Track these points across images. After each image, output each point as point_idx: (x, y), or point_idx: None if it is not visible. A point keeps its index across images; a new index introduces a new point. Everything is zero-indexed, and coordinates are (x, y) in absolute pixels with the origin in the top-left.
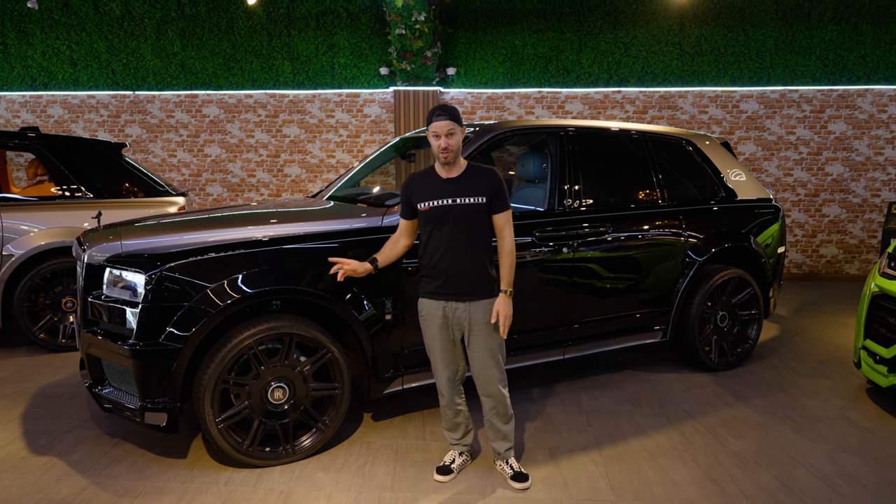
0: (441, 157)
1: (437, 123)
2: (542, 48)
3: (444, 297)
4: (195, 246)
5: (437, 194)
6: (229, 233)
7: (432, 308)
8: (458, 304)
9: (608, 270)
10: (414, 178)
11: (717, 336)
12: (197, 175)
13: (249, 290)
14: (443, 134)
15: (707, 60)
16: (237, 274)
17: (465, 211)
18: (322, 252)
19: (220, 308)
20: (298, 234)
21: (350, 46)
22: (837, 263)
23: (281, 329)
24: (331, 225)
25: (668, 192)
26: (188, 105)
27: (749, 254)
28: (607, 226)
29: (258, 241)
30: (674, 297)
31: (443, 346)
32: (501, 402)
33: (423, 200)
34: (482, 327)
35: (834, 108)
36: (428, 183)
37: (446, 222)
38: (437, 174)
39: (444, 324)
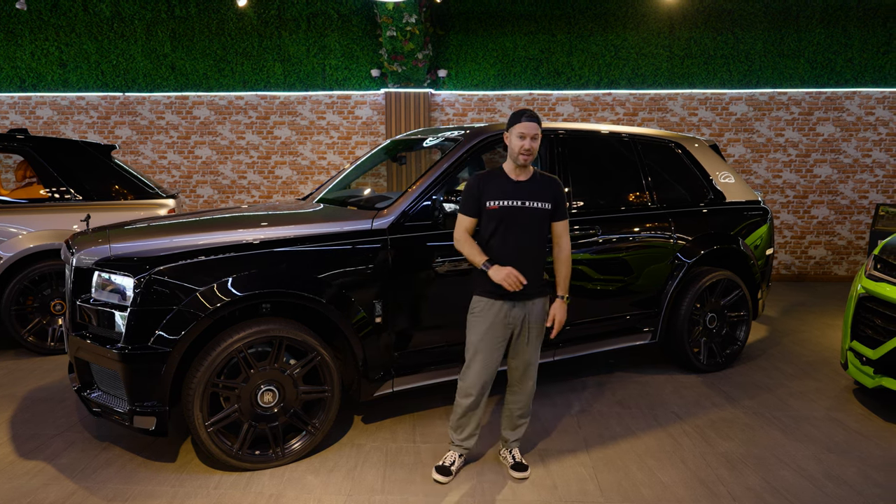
0: (520, 159)
1: (526, 124)
2: (533, 50)
3: (503, 297)
4: (184, 249)
5: (509, 195)
6: (218, 236)
7: (489, 306)
8: (515, 303)
9: (598, 272)
10: (484, 177)
11: (706, 338)
12: (187, 177)
13: (238, 294)
14: (529, 136)
15: (697, 63)
16: (226, 277)
17: (534, 214)
18: (311, 255)
19: (209, 311)
20: (287, 238)
21: (341, 48)
22: (826, 265)
23: (270, 332)
24: (320, 228)
25: (658, 194)
26: (178, 106)
27: (738, 256)
28: (597, 228)
29: (247, 245)
30: (663, 299)
31: (491, 345)
32: (530, 398)
33: (494, 199)
34: (536, 326)
35: (822, 111)
36: (499, 182)
37: (515, 223)
38: (507, 175)
39: (498, 322)
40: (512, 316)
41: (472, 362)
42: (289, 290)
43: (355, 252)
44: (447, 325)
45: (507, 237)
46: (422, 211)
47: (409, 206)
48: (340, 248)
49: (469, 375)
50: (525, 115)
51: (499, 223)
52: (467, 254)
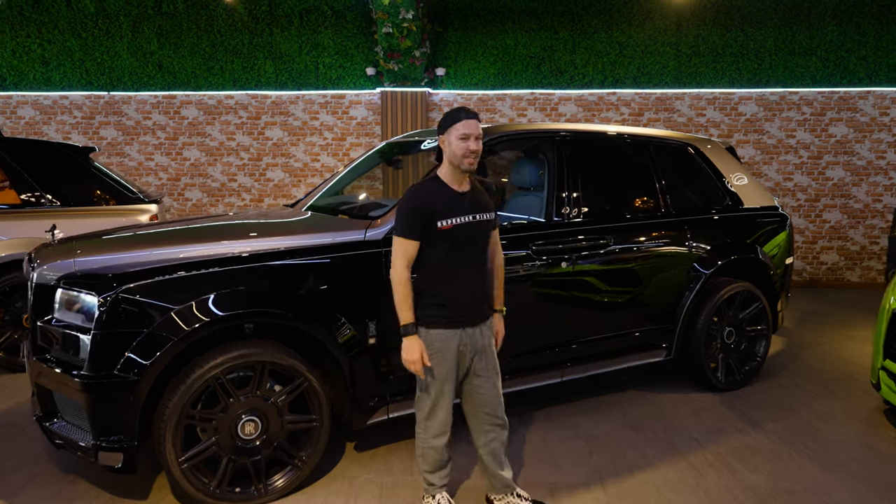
0: (466, 163)
1: (467, 122)
2: (534, 48)
3: (462, 324)
4: (156, 264)
5: (459, 210)
6: (194, 249)
7: (449, 339)
8: (474, 329)
9: (609, 285)
10: (428, 191)
11: (724, 353)
12: (175, 179)
13: (215, 315)
14: (473, 136)
15: (705, 61)
16: (202, 296)
17: (484, 228)
18: (297, 270)
19: (182, 334)
20: (271, 251)
21: (335, 46)
22: (838, 270)
23: (252, 357)
24: (307, 239)
25: (672, 200)
26: (166, 106)
27: (756, 266)
28: (608, 237)
29: (226, 259)
30: (678, 313)
31: (453, 381)
32: (505, 428)
33: (446, 217)
34: (491, 349)
35: (835, 111)
36: (444, 197)
37: (467, 241)
38: (449, 187)
39: (459, 355)
40: (472, 343)
41: (439, 405)
42: (271, 309)
43: (346, 266)
44: None
45: (458, 259)
46: None
47: None
48: (330, 262)
49: (437, 420)
50: (464, 113)
51: (451, 245)
52: (401, 299)
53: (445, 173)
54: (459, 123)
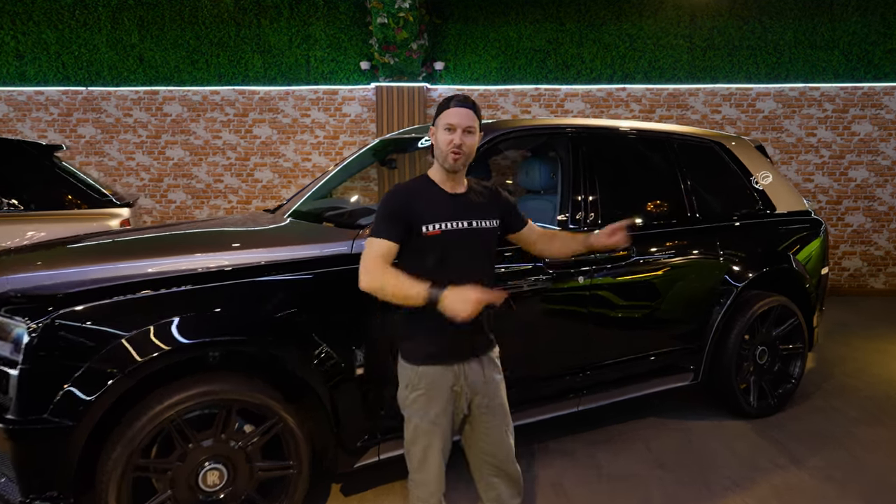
0: (449, 160)
1: (456, 111)
2: (539, 41)
3: (457, 358)
4: (99, 283)
5: (450, 214)
6: (146, 264)
7: (440, 378)
8: (471, 363)
9: (631, 302)
10: (410, 189)
11: (756, 375)
12: (158, 180)
13: (167, 345)
14: (460, 128)
15: (720, 55)
16: (153, 322)
17: (484, 237)
18: (270, 289)
19: (129, 369)
20: (239, 267)
21: (327, 38)
22: (861, 277)
23: (215, 395)
24: (283, 253)
25: (699, 204)
26: (147, 102)
27: (791, 277)
28: (630, 247)
29: (184, 277)
30: (707, 331)
31: (447, 427)
32: (518, 482)
33: (432, 220)
34: (498, 384)
35: (858, 108)
36: (431, 197)
37: (461, 252)
38: (439, 187)
39: (453, 397)
40: (470, 383)
41: (429, 459)
42: (237, 336)
43: (330, 284)
44: None
45: (450, 275)
46: None
47: None
48: (310, 280)
49: (428, 475)
50: (455, 100)
51: (441, 256)
52: (392, 288)
53: (435, 172)
54: (448, 112)
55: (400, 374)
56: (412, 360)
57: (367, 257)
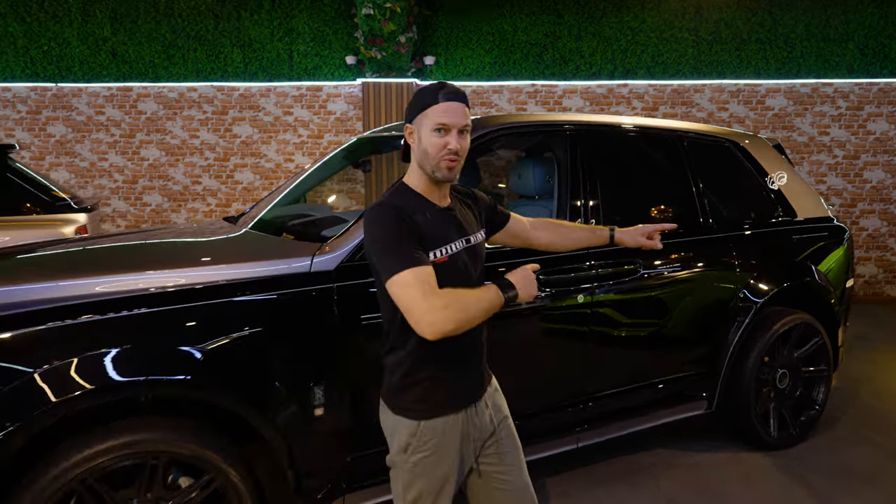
0: (443, 168)
1: (448, 106)
2: (535, 34)
3: (466, 401)
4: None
5: (451, 233)
6: (66, 285)
7: (449, 431)
8: (480, 402)
9: (637, 322)
10: (401, 207)
11: (777, 402)
12: (132, 182)
13: (69, 390)
14: (455, 129)
15: (727, 49)
16: (61, 359)
17: (482, 254)
18: (210, 316)
19: (25, 419)
20: (173, 289)
21: (311, 31)
22: (877, 284)
23: (139, 446)
24: (229, 271)
25: (712, 210)
26: (121, 99)
27: (814, 291)
28: (637, 260)
29: (100, 303)
30: (723, 354)
31: (452, 487)
32: None
33: (436, 245)
34: (508, 419)
35: (874, 105)
36: (426, 215)
37: (467, 278)
38: (428, 200)
39: (462, 447)
40: (480, 425)
41: None
42: (164, 376)
43: (283, 309)
44: None
45: None
46: None
47: None
48: (259, 304)
49: None
50: (444, 92)
51: (450, 285)
52: (468, 301)
53: (418, 181)
54: (436, 108)
55: (391, 432)
56: (413, 414)
57: (422, 294)
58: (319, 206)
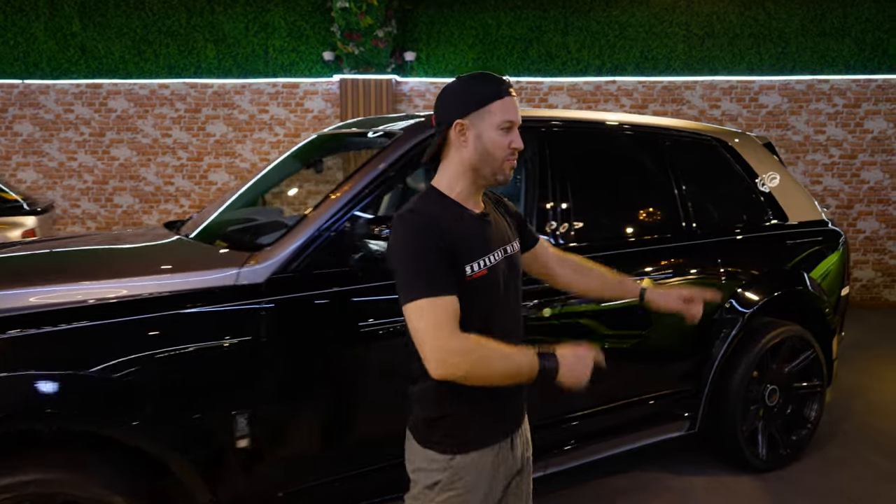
0: (507, 169)
1: (512, 101)
2: (520, 29)
3: (503, 435)
4: None
5: (488, 242)
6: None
7: (483, 467)
8: (515, 433)
9: (611, 337)
10: (435, 216)
11: (766, 421)
12: (102, 182)
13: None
14: (516, 125)
15: (719, 44)
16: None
17: (519, 266)
18: (113, 336)
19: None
20: (74, 305)
21: (287, 26)
22: (874, 289)
23: (25, 490)
24: (134, 283)
25: (696, 214)
26: (90, 97)
27: (807, 301)
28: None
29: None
30: (707, 369)
31: None
32: None
33: (473, 258)
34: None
35: (872, 102)
36: (462, 224)
37: (505, 292)
38: (464, 207)
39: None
40: (515, 458)
41: None
42: (49, 409)
43: (202, 327)
44: (374, 434)
45: (496, 324)
46: (328, 250)
47: (304, 243)
48: (173, 322)
49: None
50: (505, 86)
51: (485, 302)
52: (496, 358)
53: (456, 185)
54: (500, 102)
55: (417, 467)
56: (445, 448)
57: (435, 328)
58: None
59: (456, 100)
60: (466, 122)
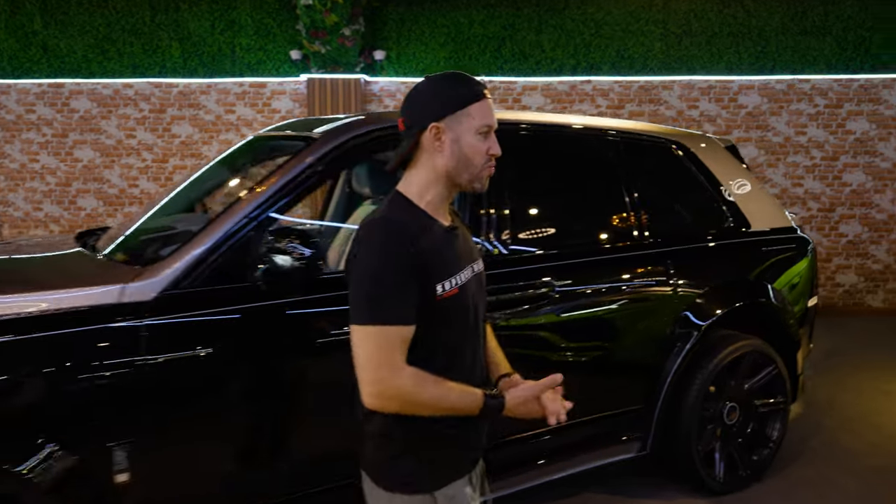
0: (485, 176)
1: (489, 105)
2: (493, 27)
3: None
4: None
5: (458, 260)
6: None
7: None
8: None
9: (550, 352)
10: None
11: (724, 440)
12: (65, 185)
13: None
14: (494, 128)
15: (697, 43)
16: None
17: (485, 285)
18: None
19: None
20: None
21: (254, 24)
22: (857, 294)
23: None
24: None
25: (650, 221)
26: (52, 97)
27: (769, 313)
28: (551, 280)
29: None
30: (659, 386)
31: None
32: None
33: (448, 275)
34: None
35: (854, 103)
36: (433, 237)
37: (475, 313)
38: (433, 217)
39: None
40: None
41: None
42: None
43: (77, 350)
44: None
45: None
46: (229, 263)
47: (201, 255)
48: (43, 346)
49: None
50: (481, 87)
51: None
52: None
53: (426, 193)
54: (479, 105)
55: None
56: (423, 485)
57: (377, 360)
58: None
59: (430, 101)
60: (442, 125)
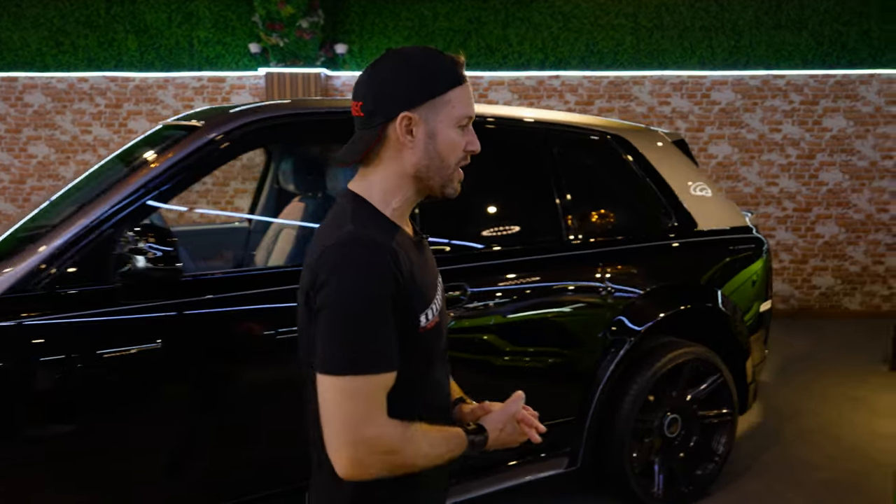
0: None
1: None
2: (458, 20)
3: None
4: None
5: (433, 279)
6: None
7: None
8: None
9: (466, 362)
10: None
11: (664, 454)
12: (20, 182)
13: None
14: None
15: (669, 37)
16: None
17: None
18: None
19: None
20: None
21: (212, 16)
22: (834, 296)
23: None
24: None
25: (581, 221)
26: (5, 91)
27: (715, 318)
28: (462, 285)
29: None
30: (589, 396)
31: None
32: None
33: (427, 304)
34: None
35: (830, 99)
36: (411, 257)
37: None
38: (405, 232)
39: None
40: None
41: None
42: None
43: None
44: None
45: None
46: (84, 263)
47: (52, 253)
48: None
49: None
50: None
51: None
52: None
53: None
54: (461, 90)
55: None
56: None
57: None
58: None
59: (400, 84)
60: (415, 115)
